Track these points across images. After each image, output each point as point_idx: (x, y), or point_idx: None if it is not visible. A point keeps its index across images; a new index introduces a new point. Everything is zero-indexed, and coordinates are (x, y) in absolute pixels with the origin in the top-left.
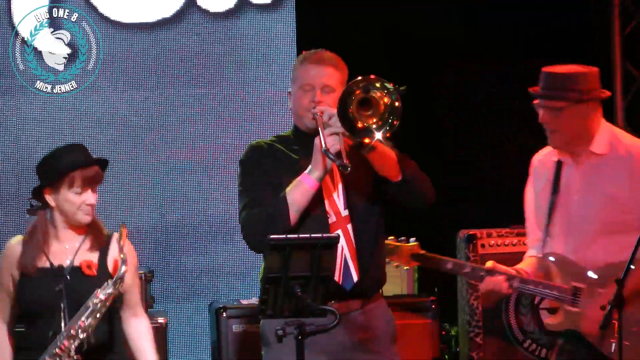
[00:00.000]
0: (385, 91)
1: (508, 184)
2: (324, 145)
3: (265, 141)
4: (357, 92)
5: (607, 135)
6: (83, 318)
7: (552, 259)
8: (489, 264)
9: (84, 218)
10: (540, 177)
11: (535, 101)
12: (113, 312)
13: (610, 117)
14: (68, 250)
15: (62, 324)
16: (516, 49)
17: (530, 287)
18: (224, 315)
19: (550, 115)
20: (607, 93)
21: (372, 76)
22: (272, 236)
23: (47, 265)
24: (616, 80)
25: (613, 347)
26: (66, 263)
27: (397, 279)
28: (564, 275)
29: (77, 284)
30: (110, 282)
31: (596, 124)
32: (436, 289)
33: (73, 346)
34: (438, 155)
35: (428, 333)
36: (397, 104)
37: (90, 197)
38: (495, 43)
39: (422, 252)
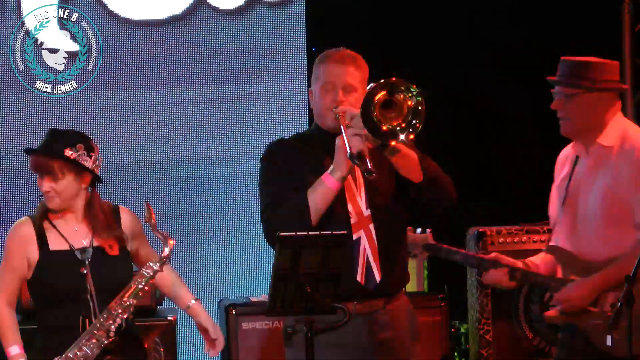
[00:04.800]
0: (409, 94)
1: (518, 181)
2: (348, 150)
3: (286, 140)
4: (381, 94)
5: (619, 128)
6: (125, 298)
7: (555, 253)
8: (493, 255)
9: (49, 204)
10: (561, 171)
11: (552, 89)
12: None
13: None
14: (78, 232)
15: (91, 307)
16: (524, 46)
17: (531, 279)
18: (234, 312)
19: (562, 102)
20: (625, 86)
21: (395, 78)
22: (281, 233)
23: (67, 247)
24: (626, 77)
25: (608, 341)
26: (85, 244)
27: None
28: (566, 269)
29: (101, 266)
30: (155, 261)
31: (609, 115)
32: (446, 287)
33: (113, 326)
34: (447, 152)
35: (438, 330)
36: (420, 106)
37: (43, 184)
38: (499, 39)
39: (434, 242)
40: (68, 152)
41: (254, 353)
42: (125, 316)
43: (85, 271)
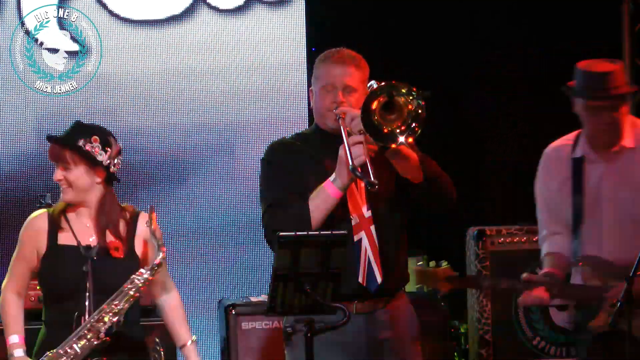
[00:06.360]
0: (410, 97)
1: (518, 181)
2: (350, 163)
3: (286, 140)
4: (381, 96)
5: (630, 127)
6: (116, 301)
7: (586, 262)
8: (524, 275)
9: (63, 195)
10: (555, 173)
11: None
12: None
13: None
14: (89, 229)
15: (87, 305)
16: (524, 46)
17: (569, 291)
18: (234, 312)
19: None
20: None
21: (395, 81)
22: (281, 233)
23: (74, 243)
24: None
25: None
26: (92, 242)
27: None
28: (601, 276)
29: (103, 266)
30: (147, 268)
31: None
32: None
33: (103, 328)
34: (447, 152)
35: (437, 330)
36: (420, 110)
37: (56, 173)
38: (499, 39)
39: (455, 274)
40: (81, 143)
41: (254, 353)
42: (115, 319)
43: (86, 269)
